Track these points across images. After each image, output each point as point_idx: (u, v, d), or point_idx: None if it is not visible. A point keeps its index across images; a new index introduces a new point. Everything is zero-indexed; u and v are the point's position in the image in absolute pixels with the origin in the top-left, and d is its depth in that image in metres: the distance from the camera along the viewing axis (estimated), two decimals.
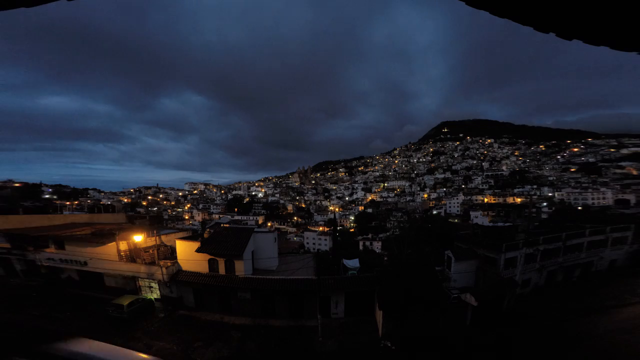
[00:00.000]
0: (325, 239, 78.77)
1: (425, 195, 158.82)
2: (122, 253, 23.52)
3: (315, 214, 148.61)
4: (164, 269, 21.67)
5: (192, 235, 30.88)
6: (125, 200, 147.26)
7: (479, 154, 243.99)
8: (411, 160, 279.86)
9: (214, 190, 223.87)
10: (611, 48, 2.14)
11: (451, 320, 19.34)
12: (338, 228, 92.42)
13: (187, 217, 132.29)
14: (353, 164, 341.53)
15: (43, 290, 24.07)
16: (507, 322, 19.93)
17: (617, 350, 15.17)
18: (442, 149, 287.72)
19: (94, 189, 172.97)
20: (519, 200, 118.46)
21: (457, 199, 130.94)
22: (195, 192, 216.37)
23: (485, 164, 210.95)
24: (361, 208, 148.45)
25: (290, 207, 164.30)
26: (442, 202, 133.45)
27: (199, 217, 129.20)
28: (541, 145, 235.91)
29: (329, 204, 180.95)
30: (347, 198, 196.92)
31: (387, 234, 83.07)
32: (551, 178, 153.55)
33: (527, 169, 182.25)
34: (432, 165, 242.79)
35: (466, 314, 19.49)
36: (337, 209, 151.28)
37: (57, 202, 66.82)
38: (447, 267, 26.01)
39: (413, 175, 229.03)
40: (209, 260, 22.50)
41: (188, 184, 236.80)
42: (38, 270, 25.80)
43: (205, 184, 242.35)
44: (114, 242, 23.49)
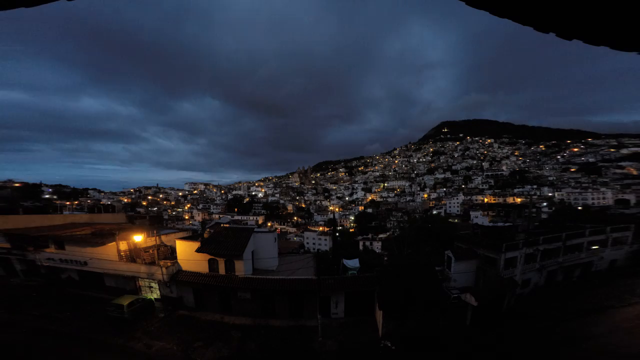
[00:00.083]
0: (325, 239, 78.77)
1: (425, 195, 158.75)
2: (122, 253, 23.51)
3: (315, 214, 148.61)
4: (164, 269, 21.67)
5: (192, 235, 30.87)
6: (125, 200, 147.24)
7: (479, 154, 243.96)
8: (411, 160, 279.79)
9: (214, 190, 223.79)
10: (611, 48, 2.14)
11: (451, 320, 19.35)
12: (338, 228, 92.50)
13: (187, 217, 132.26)
14: (353, 164, 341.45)
15: (43, 290, 24.08)
16: (507, 322, 19.94)
17: (617, 350, 15.17)
18: (442, 149, 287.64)
19: (94, 189, 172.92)
20: (519, 200, 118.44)
21: (457, 199, 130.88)
22: (195, 192, 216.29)
23: (485, 164, 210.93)
24: (361, 208, 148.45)
25: (290, 207, 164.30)
26: (442, 202, 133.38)
27: (199, 217, 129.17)
28: (541, 145, 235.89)
29: (329, 204, 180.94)
30: (347, 198, 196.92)
31: (387, 234, 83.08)
32: (551, 178, 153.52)
33: (527, 169, 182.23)
34: (432, 165, 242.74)
35: (466, 314, 19.50)
36: (337, 209, 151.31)
37: (57, 202, 66.83)
38: (447, 267, 26.00)
39: (413, 175, 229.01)
40: (209, 260, 22.50)
41: (188, 184, 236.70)
42: (38, 270, 25.80)
43: (205, 184, 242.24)
44: (114, 242, 23.49)
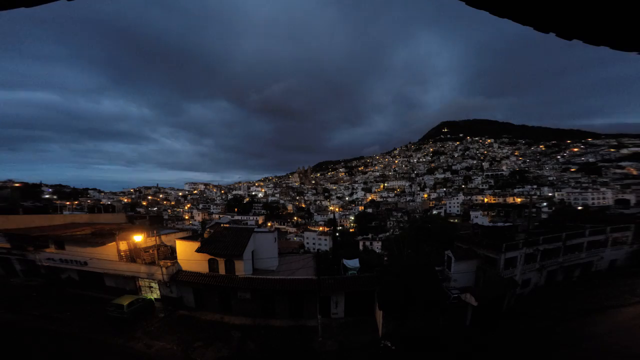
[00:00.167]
0: (325, 239, 78.77)
1: (425, 195, 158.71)
2: (122, 253, 23.51)
3: (315, 214, 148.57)
4: (164, 269, 21.67)
5: (192, 235, 30.89)
6: (125, 200, 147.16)
7: (479, 154, 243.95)
8: (411, 160, 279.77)
9: (214, 190, 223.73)
10: (611, 48, 2.14)
11: (451, 320, 19.34)
12: (338, 228, 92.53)
13: (187, 217, 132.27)
14: (353, 164, 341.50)
15: (43, 290, 24.07)
16: (507, 322, 19.94)
17: (617, 350, 15.17)
18: (442, 149, 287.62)
19: (94, 189, 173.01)
20: (519, 200, 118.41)
21: (457, 199, 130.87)
22: (195, 192, 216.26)
23: (485, 164, 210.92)
24: (361, 208, 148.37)
25: (290, 207, 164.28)
26: (442, 202, 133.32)
27: (199, 217, 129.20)
28: (541, 145, 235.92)
29: (329, 204, 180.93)
30: (347, 198, 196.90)
31: (387, 234, 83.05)
32: (551, 178, 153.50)
33: (527, 169, 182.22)
34: (432, 165, 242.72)
35: (466, 314, 19.48)
36: (337, 209, 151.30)
37: (57, 202, 66.81)
38: (447, 267, 25.99)
39: (413, 175, 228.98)
40: (209, 260, 22.50)
41: (188, 184, 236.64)
42: (38, 270, 25.80)
43: (205, 184, 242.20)
44: (114, 242, 23.49)
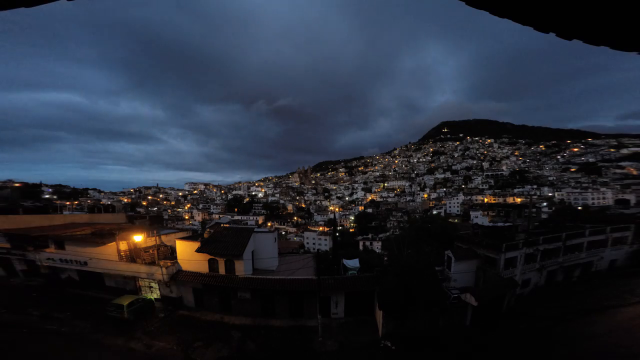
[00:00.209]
0: (325, 239, 78.77)
1: (425, 195, 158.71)
2: (122, 253, 23.51)
3: (315, 214, 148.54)
4: (164, 269, 21.67)
5: (192, 235, 30.89)
6: (125, 200, 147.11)
7: (479, 154, 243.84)
8: (411, 160, 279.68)
9: (214, 190, 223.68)
10: (611, 48, 2.14)
11: (451, 320, 19.35)
12: (338, 228, 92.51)
13: (187, 217, 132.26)
14: (353, 164, 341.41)
15: (43, 290, 24.07)
16: (507, 322, 19.94)
17: (617, 350, 15.17)
18: (442, 149, 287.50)
19: (94, 189, 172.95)
20: (519, 200, 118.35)
21: (457, 199, 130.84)
22: (195, 192, 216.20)
23: (485, 164, 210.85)
24: (361, 208, 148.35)
25: (290, 207, 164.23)
26: (442, 202, 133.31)
27: (199, 217, 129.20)
28: (541, 145, 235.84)
29: (329, 204, 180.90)
30: (347, 198, 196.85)
31: (387, 234, 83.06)
32: (551, 178, 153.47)
33: (527, 169, 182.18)
34: (432, 165, 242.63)
35: (466, 314, 19.48)
36: (337, 209, 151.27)
37: (57, 202, 66.75)
38: (447, 267, 25.98)
39: (413, 175, 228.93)
40: (209, 260, 22.50)
41: (188, 184, 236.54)
42: (38, 270, 25.79)
43: (205, 184, 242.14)
44: (114, 242, 23.49)
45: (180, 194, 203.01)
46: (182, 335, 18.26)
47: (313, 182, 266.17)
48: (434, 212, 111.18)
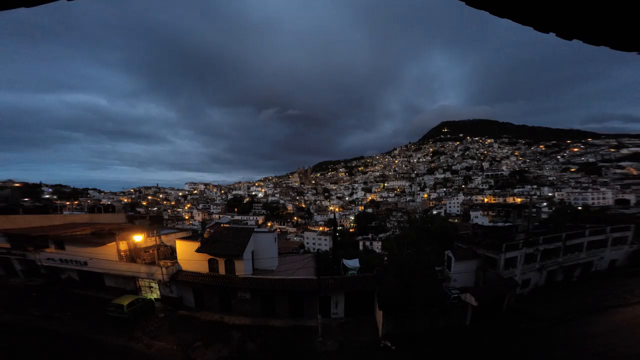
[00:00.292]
0: (325, 239, 78.77)
1: (425, 195, 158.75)
2: (122, 253, 23.51)
3: (315, 214, 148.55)
4: (164, 269, 21.67)
5: (192, 235, 30.89)
6: (125, 200, 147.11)
7: (479, 154, 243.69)
8: (411, 160, 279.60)
9: (214, 190, 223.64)
10: (611, 48, 2.14)
11: (451, 320, 19.35)
12: (338, 228, 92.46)
13: (187, 217, 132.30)
14: (353, 164, 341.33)
15: (43, 290, 24.07)
16: (507, 322, 19.94)
17: (617, 350, 15.17)
18: (442, 149, 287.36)
19: (94, 189, 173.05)
20: (519, 200, 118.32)
21: (457, 199, 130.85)
22: (195, 192, 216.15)
23: (485, 164, 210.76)
24: (361, 208, 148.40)
25: (290, 207, 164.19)
26: (442, 202, 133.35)
27: (199, 217, 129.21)
28: (541, 145, 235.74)
29: (329, 204, 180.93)
30: (347, 198, 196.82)
31: (387, 234, 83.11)
32: (551, 178, 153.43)
33: (527, 169, 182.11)
34: (432, 165, 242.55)
35: (466, 314, 19.49)
36: (337, 209, 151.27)
37: (57, 202, 66.77)
38: (447, 267, 25.99)
39: (413, 175, 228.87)
40: (209, 260, 22.49)
41: (188, 184, 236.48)
42: (38, 270, 25.79)
43: (206, 184, 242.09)
44: (114, 242, 23.49)
45: (180, 194, 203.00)
46: (182, 335, 18.26)
47: (313, 182, 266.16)
48: (434, 212, 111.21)
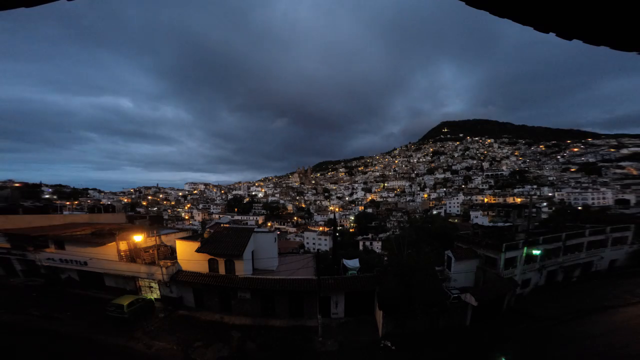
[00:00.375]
0: (325, 239, 78.76)
1: (425, 195, 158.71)
2: (122, 253, 23.51)
3: (315, 214, 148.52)
4: (164, 269, 21.67)
5: (192, 235, 30.89)
6: (125, 200, 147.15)
7: (479, 154, 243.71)
8: (411, 160, 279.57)
9: (214, 190, 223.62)
10: (611, 48, 2.14)
11: (451, 320, 19.35)
12: (338, 228, 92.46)
13: (187, 217, 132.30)
14: (353, 164, 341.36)
15: (43, 290, 24.07)
16: (507, 322, 19.94)
17: (616, 350, 15.17)
18: (442, 149, 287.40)
19: (94, 189, 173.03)
20: (519, 200, 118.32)
21: (457, 199, 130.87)
22: (195, 192, 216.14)
23: (485, 164, 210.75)
24: (361, 208, 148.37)
25: (290, 207, 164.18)
26: (442, 202, 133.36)
27: (199, 217, 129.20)
28: (541, 145, 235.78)
29: (329, 204, 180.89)
30: (347, 198, 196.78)
31: (387, 234, 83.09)
32: (551, 178, 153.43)
33: (527, 169, 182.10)
34: (432, 165, 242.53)
35: (466, 314, 19.49)
36: (337, 209, 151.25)
37: (57, 202, 66.75)
38: (447, 267, 25.99)
39: (413, 175, 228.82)
40: (209, 260, 22.50)
41: (188, 184, 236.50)
42: (38, 270, 25.78)
43: (206, 184, 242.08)
44: (114, 242, 23.48)
45: (180, 194, 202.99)
46: (182, 335, 18.26)
47: (313, 182, 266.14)
48: (434, 212, 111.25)
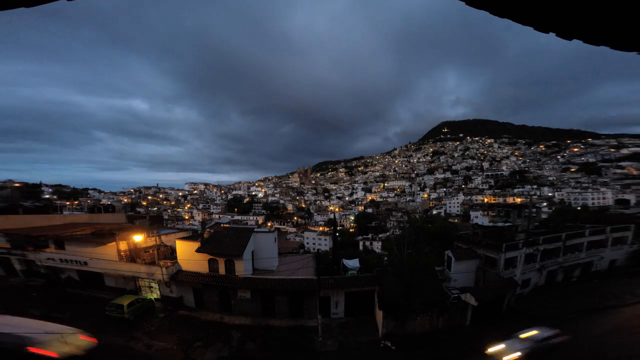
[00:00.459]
0: (325, 239, 78.74)
1: (425, 195, 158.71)
2: (122, 253, 23.50)
3: (315, 214, 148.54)
4: (164, 269, 21.67)
5: (192, 235, 30.87)
6: (125, 200, 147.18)
7: (479, 154, 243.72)
8: (411, 160, 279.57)
9: (214, 190, 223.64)
10: (611, 48, 2.14)
11: (451, 320, 19.35)
12: (338, 228, 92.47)
13: (187, 217, 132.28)
14: (353, 164, 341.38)
15: (43, 290, 24.05)
16: (507, 322, 19.92)
17: (616, 350, 15.17)
18: (442, 149, 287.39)
19: (94, 189, 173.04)
20: (519, 200, 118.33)
21: (457, 199, 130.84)
22: (195, 192, 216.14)
23: (485, 164, 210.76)
24: (361, 208, 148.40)
25: (290, 207, 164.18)
26: (442, 202, 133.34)
27: (199, 217, 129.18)
28: (541, 145, 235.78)
29: (329, 204, 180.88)
30: (347, 198, 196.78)
31: (387, 234, 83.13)
32: (551, 178, 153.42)
33: (527, 169, 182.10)
34: (432, 165, 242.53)
35: (466, 314, 19.49)
36: (337, 209, 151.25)
37: (57, 202, 66.76)
38: (447, 267, 26.00)
39: (413, 175, 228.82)
40: (209, 260, 22.49)
41: (188, 184, 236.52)
42: (38, 270, 25.79)
43: (206, 184, 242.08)
44: (114, 242, 23.48)
45: (180, 194, 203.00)
46: (182, 335, 18.26)
47: (313, 182, 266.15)
48: (434, 212, 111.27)
